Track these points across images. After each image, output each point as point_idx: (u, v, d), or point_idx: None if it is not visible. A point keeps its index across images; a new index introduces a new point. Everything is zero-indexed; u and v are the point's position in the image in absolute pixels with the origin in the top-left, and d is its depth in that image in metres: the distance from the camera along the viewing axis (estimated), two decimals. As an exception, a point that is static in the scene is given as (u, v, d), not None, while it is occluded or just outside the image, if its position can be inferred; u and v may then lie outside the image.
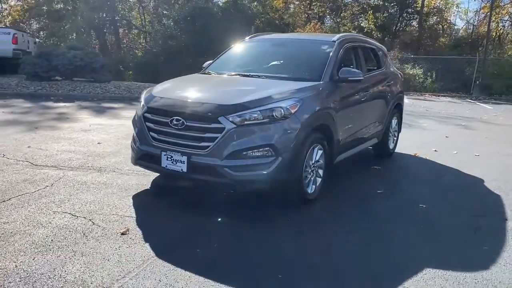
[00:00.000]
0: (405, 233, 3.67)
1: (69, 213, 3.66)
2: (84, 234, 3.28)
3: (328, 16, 30.50)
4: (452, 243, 3.51)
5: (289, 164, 3.79)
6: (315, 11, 29.13)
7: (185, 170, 3.78)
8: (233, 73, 4.85)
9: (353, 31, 25.91)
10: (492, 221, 4.02)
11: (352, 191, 4.76)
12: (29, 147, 5.85)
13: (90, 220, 3.54)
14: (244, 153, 3.66)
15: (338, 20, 28.83)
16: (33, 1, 28.12)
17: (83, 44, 17.94)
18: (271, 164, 3.70)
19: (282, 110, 3.76)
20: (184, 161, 3.76)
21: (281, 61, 5.03)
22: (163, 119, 3.91)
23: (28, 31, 22.63)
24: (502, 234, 3.70)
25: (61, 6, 27.86)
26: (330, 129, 4.38)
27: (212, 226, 3.60)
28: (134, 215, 3.71)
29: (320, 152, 4.28)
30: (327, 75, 4.54)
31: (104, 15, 25.94)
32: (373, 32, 27.35)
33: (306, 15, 29.32)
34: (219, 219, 3.73)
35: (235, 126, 3.64)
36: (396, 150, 6.82)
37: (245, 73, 4.81)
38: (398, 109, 6.56)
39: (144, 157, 4.11)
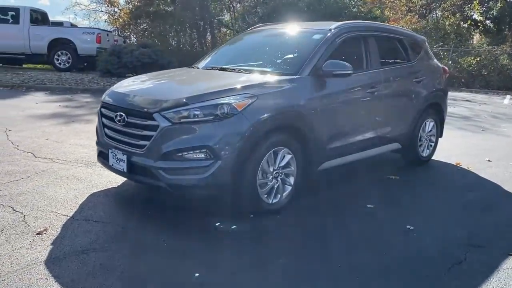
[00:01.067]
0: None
1: (10, 207, 3.62)
2: (1, 230, 3.19)
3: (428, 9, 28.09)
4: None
5: (233, 169, 3.33)
6: (415, 2, 27.01)
7: (125, 170, 3.53)
8: (211, 67, 4.47)
9: (461, 24, 23.53)
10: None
11: (334, 204, 4.09)
12: (47, 139, 6.08)
13: (23, 215, 3.46)
14: (179, 154, 3.28)
15: (439, 13, 26.42)
16: (138, 3, 30.29)
17: (186, 43, 18.62)
18: (209, 168, 3.28)
19: (226, 107, 3.31)
20: (124, 160, 3.51)
21: (267, 54, 4.51)
22: (111, 115, 3.70)
23: (115, 31, 24.23)
24: None
25: (163, 7, 29.56)
26: (303, 131, 3.79)
27: (137, 234, 3.28)
28: (71, 214, 3.55)
29: (289, 157, 3.72)
30: (307, 69, 3.95)
31: (199, 15, 26.88)
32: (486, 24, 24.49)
33: (407, 8, 27.37)
34: (149, 227, 3.41)
35: (170, 123, 3.29)
36: (439, 158, 5.89)
37: (224, 67, 4.40)
38: (435, 109, 5.60)
39: (100, 154, 3.94)
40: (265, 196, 3.63)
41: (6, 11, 15.13)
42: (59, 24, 18.18)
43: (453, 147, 6.70)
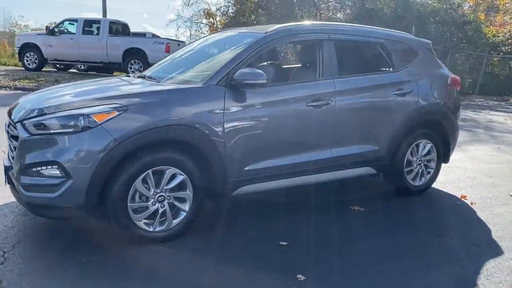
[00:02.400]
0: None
1: None
2: None
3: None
4: None
5: (91, 190, 2.94)
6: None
7: (5, 183, 3.33)
8: (144, 75, 4.06)
9: None
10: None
11: (239, 239, 3.42)
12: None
13: None
14: (34, 169, 2.98)
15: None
16: (232, 14, 31.23)
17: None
18: (59, 187, 2.93)
19: (83, 119, 2.93)
20: (3, 172, 3.33)
21: (199, 61, 4.00)
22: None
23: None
24: None
25: (254, 17, 30.07)
26: (200, 149, 3.25)
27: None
28: (-43, 223, 3.45)
29: (181, 178, 3.22)
30: (216, 78, 3.41)
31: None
32: None
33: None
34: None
35: (28, 135, 3.01)
36: (445, 187, 4.81)
37: (150, 75, 4.00)
38: (433, 129, 4.56)
39: (7, 164, 3.81)
40: (144, 223, 3.16)
41: (90, 23, 16.43)
42: (141, 35, 19.27)
43: (473, 174, 5.48)
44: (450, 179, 5.27)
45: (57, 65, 18.43)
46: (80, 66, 18.55)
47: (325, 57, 3.94)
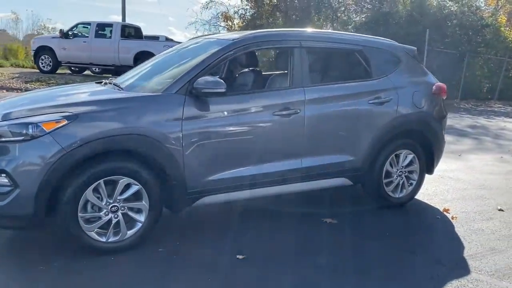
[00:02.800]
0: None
1: None
2: None
3: None
4: None
5: (39, 199, 2.91)
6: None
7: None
8: (114, 83, 4.02)
9: None
10: None
11: (201, 249, 3.34)
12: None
13: None
14: (-14, 177, 2.97)
15: None
16: (250, 17, 31.32)
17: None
18: (7, 196, 2.91)
19: (32, 128, 2.91)
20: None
21: (167, 69, 3.93)
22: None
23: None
24: None
25: (271, 20, 30.02)
26: (156, 159, 3.20)
27: None
28: None
29: (136, 188, 3.17)
30: (177, 86, 3.36)
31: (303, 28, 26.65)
32: None
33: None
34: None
35: None
36: (429, 199, 4.64)
37: (117, 82, 3.96)
38: (416, 139, 4.40)
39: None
40: (97, 233, 3.12)
41: (103, 26, 16.64)
42: (155, 38, 19.42)
43: (465, 186, 5.26)
44: (439, 190, 5.08)
45: (72, 68, 18.78)
46: (95, 69, 18.81)
47: (295, 65, 3.84)
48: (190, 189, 3.39)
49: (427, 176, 4.67)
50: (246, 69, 4.59)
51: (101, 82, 4.14)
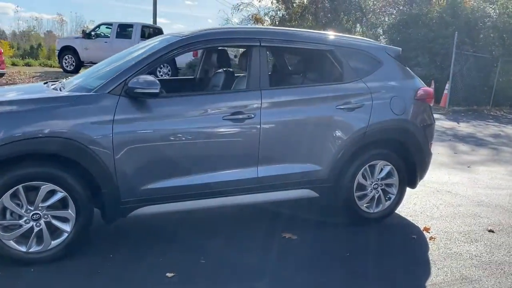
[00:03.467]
0: None
1: None
2: None
3: None
4: None
5: None
6: None
7: None
8: (59, 81, 3.85)
9: None
10: None
11: (130, 265, 3.06)
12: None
13: None
14: None
15: None
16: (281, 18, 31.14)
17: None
18: None
19: None
20: None
21: (111, 67, 3.66)
22: None
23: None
24: None
25: (299, 22, 29.69)
26: (82, 164, 2.96)
27: None
28: None
29: (60, 195, 2.96)
30: (110, 85, 3.14)
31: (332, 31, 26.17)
32: None
33: None
34: None
35: None
36: (416, 216, 4.24)
37: (61, 81, 3.77)
38: (393, 149, 3.98)
39: None
40: (16, 241, 2.91)
41: (124, 27, 16.80)
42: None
43: (460, 201, 4.75)
44: (428, 206, 4.60)
45: (96, 68, 19.07)
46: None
47: (253, 65, 3.52)
48: (124, 198, 3.13)
49: (419, 189, 4.22)
50: (220, 70, 4.31)
51: (48, 81, 3.94)
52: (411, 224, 4.09)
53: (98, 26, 17.08)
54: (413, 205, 4.55)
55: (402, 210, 4.34)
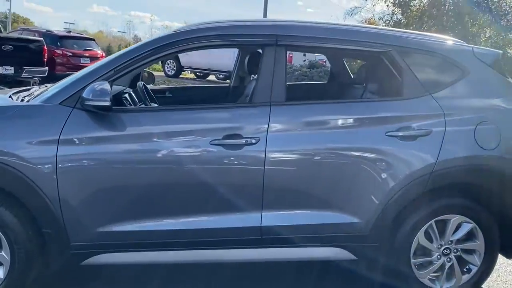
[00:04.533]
0: None
1: None
2: None
3: None
4: None
5: None
6: None
7: None
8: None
9: None
10: None
11: None
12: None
13: None
14: None
15: None
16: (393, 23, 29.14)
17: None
18: None
19: None
20: None
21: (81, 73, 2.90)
22: None
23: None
24: None
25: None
26: (14, 195, 2.30)
27: None
28: None
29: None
30: (63, 94, 2.45)
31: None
32: None
33: None
34: None
35: None
36: None
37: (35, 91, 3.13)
38: (474, 199, 2.69)
39: None
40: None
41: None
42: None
43: None
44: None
45: (197, 73, 19.30)
46: (219, 75, 19.04)
47: (263, 71, 2.54)
48: (75, 242, 2.39)
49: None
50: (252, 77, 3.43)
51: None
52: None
53: (200, 32, 17.28)
54: (509, 285, 3.13)
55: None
